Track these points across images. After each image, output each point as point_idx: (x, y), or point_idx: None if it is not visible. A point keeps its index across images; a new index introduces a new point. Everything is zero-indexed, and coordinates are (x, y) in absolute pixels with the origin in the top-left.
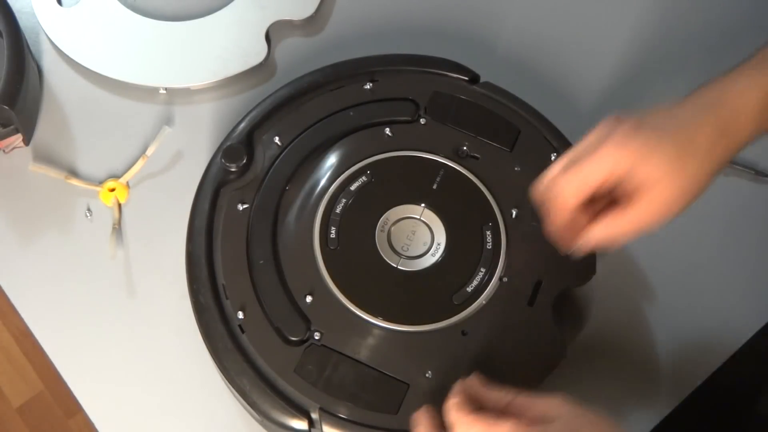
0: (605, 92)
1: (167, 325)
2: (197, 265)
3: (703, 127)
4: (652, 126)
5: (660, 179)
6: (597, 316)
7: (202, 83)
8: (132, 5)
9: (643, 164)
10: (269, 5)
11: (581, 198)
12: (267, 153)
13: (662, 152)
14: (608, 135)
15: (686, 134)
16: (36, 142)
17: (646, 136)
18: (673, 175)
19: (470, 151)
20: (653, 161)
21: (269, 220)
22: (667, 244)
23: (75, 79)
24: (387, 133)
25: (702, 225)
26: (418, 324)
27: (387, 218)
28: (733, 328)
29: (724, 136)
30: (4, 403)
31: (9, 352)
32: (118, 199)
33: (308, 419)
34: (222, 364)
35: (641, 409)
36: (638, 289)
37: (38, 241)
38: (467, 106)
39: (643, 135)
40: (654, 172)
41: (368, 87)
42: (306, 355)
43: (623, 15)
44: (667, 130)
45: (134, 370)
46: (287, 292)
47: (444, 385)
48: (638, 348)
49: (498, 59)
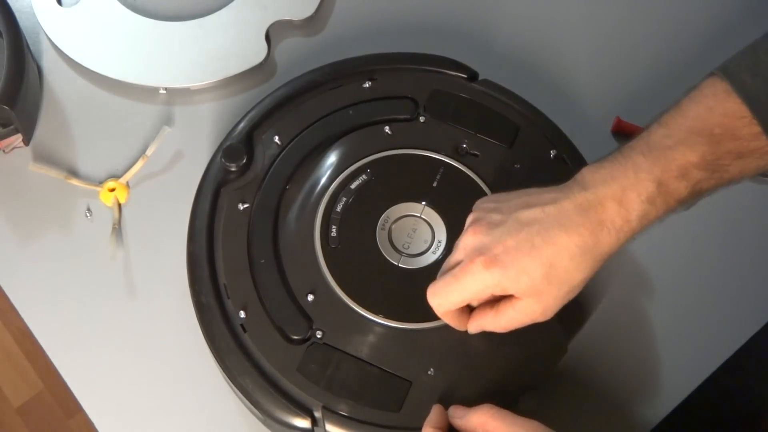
0: (604, 88)
1: (168, 325)
2: (198, 265)
3: (571, 244)
4: (520, 241)
5: (526, 296)
6: (598, 314)
7: (202, 83)
8: (132, 5)
9: (510, 284)
10: (269, 5)
11: (457, 308)
12: (267, 152)
13: (528, 275)
14: (476, 250)
15: (555, 250)
16: (36, 142)
17: (513, 257)
18: (547, 287)
19: (470, 149)
20: (519, 283)
21: (270, 219)
22: (667, 244)
23: (75, 79)
24: (386, 132)
25: (702, 225)
26: (420, 321)
27: (388, 216)
28: (732, 328)
29: (594, 250)
30: (4, 403)
31: (9, 352)
32: (118, 199)
33: (311, 418)
34: (224, 364)
35: (642, 408)
36: (639, 287)
37: (38, 241)
38: (466, 104)
39: (510, 257)
40: (520, 291)
41: (367, 85)
42: (308, 354)
43: (621, 11)
44: (533, 243)
45: (135, 370)
46: (289, 291)
47: (446, 383)
48: (639, 346)
49: (497, 57)
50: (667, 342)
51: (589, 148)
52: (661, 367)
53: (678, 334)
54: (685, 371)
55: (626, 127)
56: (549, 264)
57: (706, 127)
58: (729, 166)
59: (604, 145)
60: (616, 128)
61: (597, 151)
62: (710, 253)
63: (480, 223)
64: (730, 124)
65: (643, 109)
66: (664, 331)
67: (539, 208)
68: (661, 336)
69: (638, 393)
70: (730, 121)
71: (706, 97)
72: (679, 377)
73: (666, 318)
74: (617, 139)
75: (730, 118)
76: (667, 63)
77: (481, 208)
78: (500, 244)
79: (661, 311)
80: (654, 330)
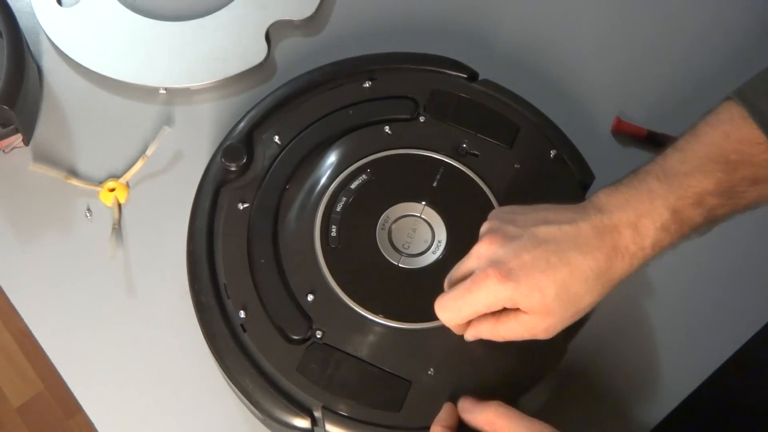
0: (604, 89)
1: (167, 325)
2: (198, 265)
3: (585, 267)
4: (536, 258)
5: (542, 311)
6: (597, 314)
7: (202, 83)
8: (132, 5)
9: (522, 299)
10: (269, 5)
11: (466, 321)
12: (267, 152)
13: (541, 293)
14: (491, 262)
15: (570, 271)
16: (36, 142)
17: (528, 274)
18: (557, 307)
19: (470, 149)
20: (531, 300)
21: (270, 219)
22: None
23: (75, 79)
24: (386, 132)
25: None
26: (420, 321)
27: (387, 216)
28: (733, 328)
29: (607, 275)
30: (4, 403)
31: (9, 352)
32: (118, 199)
33: (311, 418)
34: (224, 364)
35: (642, 408)
36: (639, 287)
37: (38, 241)
38: (466, 104)
39: (525, 273)
40: (530, 307)
41: (367, 85)
42: (308, 354)
43: (622, 11)
44: (549, 263)
45: (135, 370)
46: (289, 291)
47: (447, 382)
48: (639, 346)
49: (496, 56)
50: (667, 342)
51: (589, 148)
52: (661, 367)
53: (678, 334)
54: (685, 371)
55: (626, 127)
56: (562, 284)
57: (722, 153)
58: (745, 192)
59: (604, 145)
60: (616, 128)
61: (597, 151)
62: (710, 252)
63: (496, 234)
64: (747, 150)
65: (643, 109)
66: (664, 331)
67: (556, 227)
68: (661, 336)
69: (638, 393)
70: (747, 148)
71: (722, 122)
72: (679, 377)
73: (666, 318)
74: (617, 139)
75: (746, 144)
76: (667, 63)
77: (498, 218)
78: (516, 258)
79: (661, 311)
80: (654, 330)
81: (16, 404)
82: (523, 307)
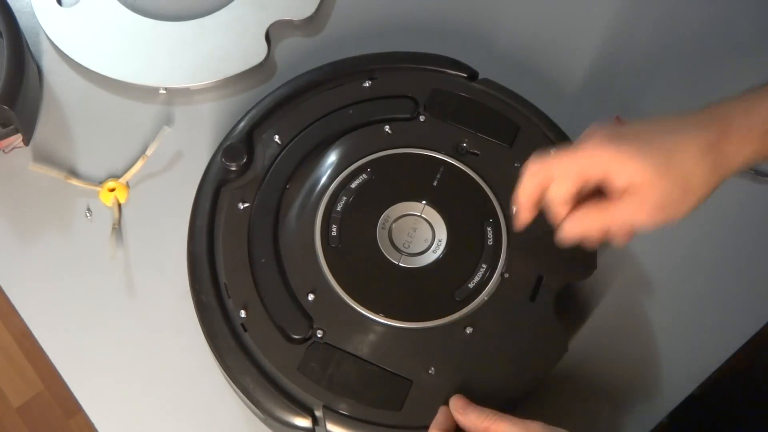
0: (604, 87)
1: (168, 325)
2: (199, 265)
3: (695, 138)
4: (637, 131)
5: (645, 182)
6: (598, 312)
7: (202, 83)
8: (132, 5)
9: (624, 165)
10: (269, 5)
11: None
12: (267, 152)
13: (643, 156)
14: (590, 137)
15: (676, 140)
16: (36, 142)
17: (627, 140)
18: (659, 179)
19: (470, 148)
20: (633, 164)
21: (270, 218)
22: (667, 244)
23: (75, 79)
24: (387, 131)
25: (702, 225)
26: (421, 321)
27: (388, 215)
28: (732, 328)
29: (718, 151)
30: (4, 403)
31: (9, 352)
32: (118, 199)
33: (312, 417)
34: (225, 363)
35: (642, 408)
36: (639, 285)
37: (38, 241)
38: (466, 103)
39: (624, 139)
40: (636, 175)
41: (367, 85)
42: (309, 353)
43: (621, 10)
44: (655, 134)
45: (135, 370)
46: (289, 291)
47: (447, 381)
48: (639, 346)
49: (496, 56)
50: (667, 342)
51: None
52: (661, 367)
53: (678, 334)
54: (685, 371)
55: None
56: (667, 154)
57: None
58: None
59: None
60: None
61: None
62: (710, 252)
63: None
64: None
65: (643, 109)
66: (664, 331)
67: (666, 120)
68: (661, 336)
69: (638, 393)
70: None
71: None
72: (679, 377)
73: (666, 318)
74: None
75: None
76: (667, 63)
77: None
78: (622, 130)
79: (661, 311)
80: (654, 330)
81: (16, 404)
82: (624, 177)
